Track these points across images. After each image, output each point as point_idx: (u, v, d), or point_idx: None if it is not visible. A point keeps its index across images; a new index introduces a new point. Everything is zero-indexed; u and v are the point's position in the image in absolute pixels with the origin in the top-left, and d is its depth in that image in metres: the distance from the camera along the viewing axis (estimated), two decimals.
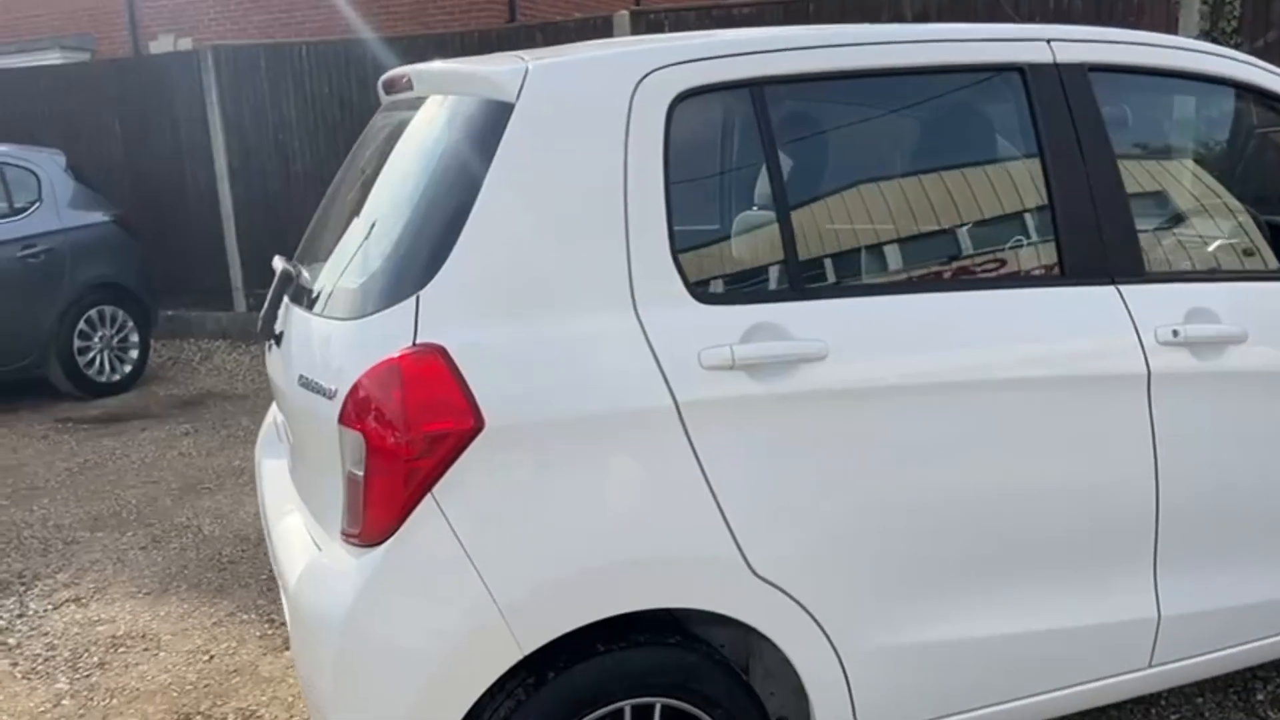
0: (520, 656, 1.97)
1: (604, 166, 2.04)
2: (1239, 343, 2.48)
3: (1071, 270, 2.38)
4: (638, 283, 2.04)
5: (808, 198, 2.27)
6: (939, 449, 2.23)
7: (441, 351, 1.94)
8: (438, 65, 2.46)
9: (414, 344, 1.95)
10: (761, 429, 2.10)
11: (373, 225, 2.33)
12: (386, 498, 1.94)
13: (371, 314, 2.04)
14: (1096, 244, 2.39)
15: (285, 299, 2.62)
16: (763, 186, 2.21)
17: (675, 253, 2.08)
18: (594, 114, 2.06)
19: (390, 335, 1.98)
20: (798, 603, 2.13)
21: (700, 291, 2.11)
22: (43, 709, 3.32)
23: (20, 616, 3.99)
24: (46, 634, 3.83)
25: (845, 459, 2.15)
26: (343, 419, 1.99)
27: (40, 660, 3.65)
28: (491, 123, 2.06)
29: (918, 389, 2.20)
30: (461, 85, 2.25)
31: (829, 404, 2.13)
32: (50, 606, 4.05)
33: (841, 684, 2.20)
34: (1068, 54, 2.41)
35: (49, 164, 7.50)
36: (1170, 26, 6.32)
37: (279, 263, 2.62)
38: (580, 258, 2.04)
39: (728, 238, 2.26)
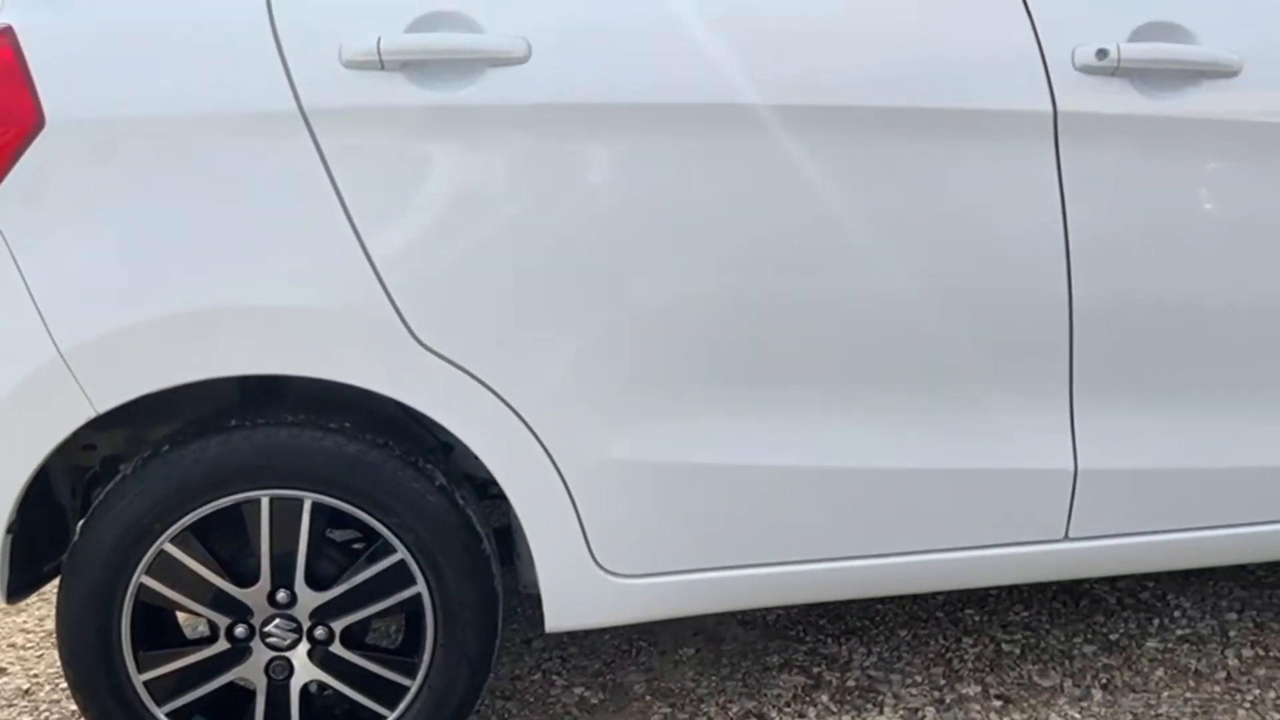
0: (93, 414, 1.60)
1: None
2: (1227, 75, 1.68)
3: None
4: None
5: None
6: (700, 194, 1.63)
7: (7, 32, 1.56)
8: None
9: None
10: (427, 147, 1.60)
11: None
12: None
13: None
14: None
15: None
16: None
17: None
18: None
19: None
20: (482, 384, 1.63)
21: None
22: None
23: None
24: None
25: (550, 196, 1.61)
26: None
27: None
28: None
29: (668, 111, 1.60)
30: None
31: (532, 123, 1.59)
32: None
33: (564, 502, 1.68)
34: None
35: None
36: None
37: None
38: None
39: None
